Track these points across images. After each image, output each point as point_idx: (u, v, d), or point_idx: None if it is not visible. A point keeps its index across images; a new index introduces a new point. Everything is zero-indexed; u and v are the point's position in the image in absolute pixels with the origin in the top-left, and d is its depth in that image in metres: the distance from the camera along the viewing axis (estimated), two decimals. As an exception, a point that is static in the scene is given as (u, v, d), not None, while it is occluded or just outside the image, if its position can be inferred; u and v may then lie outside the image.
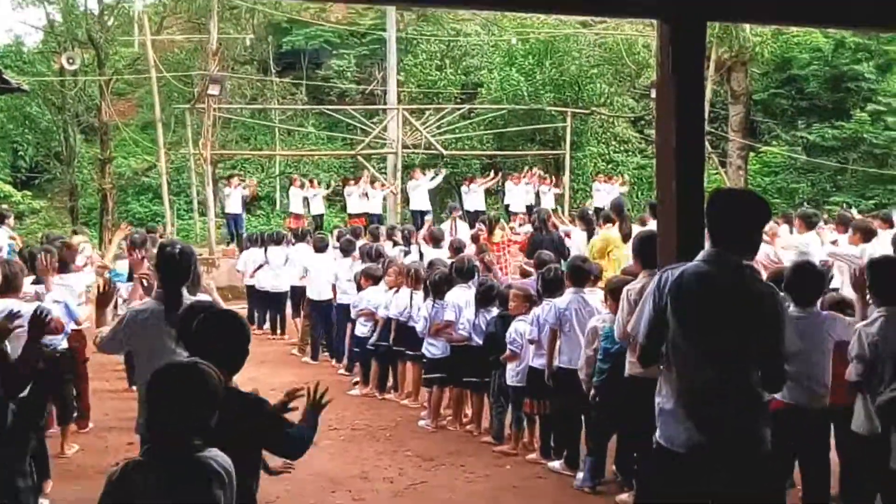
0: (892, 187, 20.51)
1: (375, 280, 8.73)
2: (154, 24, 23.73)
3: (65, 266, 6.45)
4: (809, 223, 8.95)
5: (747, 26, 19.63)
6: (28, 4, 25.03)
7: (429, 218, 16.54)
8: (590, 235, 9.85)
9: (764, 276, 4.21)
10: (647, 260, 5.07)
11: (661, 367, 3.31)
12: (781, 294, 3.40)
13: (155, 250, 4.98)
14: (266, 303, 12.42)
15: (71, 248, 6.87)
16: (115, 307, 5.72)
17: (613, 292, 5.42)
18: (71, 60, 20.86)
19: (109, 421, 7.32)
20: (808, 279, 4.49)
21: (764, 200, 3.48)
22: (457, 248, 9.76)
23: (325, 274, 10.18)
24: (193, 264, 4.15)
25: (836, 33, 21.71)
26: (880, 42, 21.52)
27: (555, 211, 14.78)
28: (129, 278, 7.67)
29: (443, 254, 9.73)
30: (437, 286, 7.42)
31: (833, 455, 4.59)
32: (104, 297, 4.41)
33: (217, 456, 2.50)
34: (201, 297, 4.54)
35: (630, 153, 24.88)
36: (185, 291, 4.02)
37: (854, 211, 12.85)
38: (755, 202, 3.41)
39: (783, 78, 23.22)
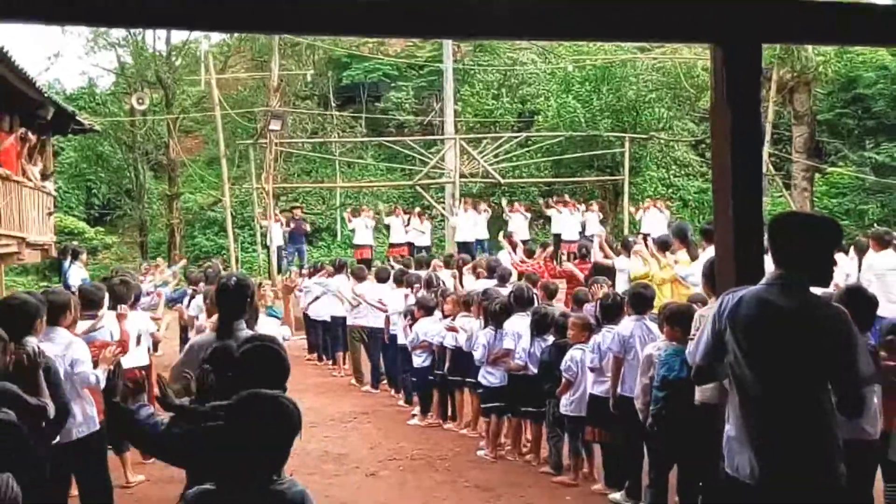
0: (966, 206, 19.75)
1: (429, 311, 8.75)
2: (219, 63, 24.55)
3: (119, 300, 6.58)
4: (883, 242, 8.66)
5: (809, 46, 19.23)
6: (100, 49, 26.19)
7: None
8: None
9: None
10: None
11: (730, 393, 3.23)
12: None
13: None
14: (324, 332, 12.55)
15: (129, 284, 7.01)
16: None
17: (669, 319, 5.34)
18: (140, 101, 21.68)
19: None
20: (860, 303, 4.31)
21: (831, 220, 3.36)
22: (501, 277, 9.70)
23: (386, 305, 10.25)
24: (250, 296, 4.19)
25: (903, 50, 21.12)
26: (950, 57, 20.87)
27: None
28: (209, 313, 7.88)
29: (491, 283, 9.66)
30: (496, 314, 7.40)
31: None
32: None
33: (292, 486, 2.52)
34: (267, 327, 4.62)
35: (691, 177, 24.52)
36: (243, 325, 4.07)
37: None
38: (819, 222, 3.33)
39: (849, 97, 22.63)
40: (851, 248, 9.92)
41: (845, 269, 9.36)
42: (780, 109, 21.74)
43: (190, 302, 10.63)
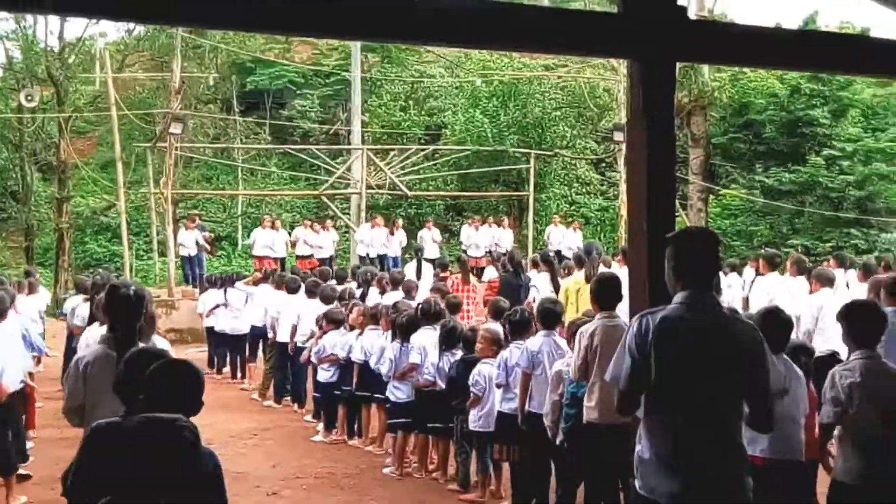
0: (848, 231, 20.89)
1: (337, 324, 8.54)
2: (116, 62, 23.54)
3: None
4: (773, 264, 9.00)
5: (706, 71, 20.05)
6: (-14, 41, 24.67)
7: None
8: (552, 277, 9.83)
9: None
10: (604, 302, 5.09)
11: (640, 415, 3.21)
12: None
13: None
14: (226, 345, 12.12)
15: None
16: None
17: (574, 335, 5.37)
18: (29, 97, 20.49)
19: (61, 471, 6.97)
20: (776, 325, 4.42)
21: (712, 232, 3.47)
22: (407, 290, 9.62)
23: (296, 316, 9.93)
24: (146, 307, 3.94)
25: (791, 79, 22.26)
26: (833, 88, 22.10)
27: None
28: (90, 321, 7.41)
29: (399, 296, 9.56)
30: (403, 328, 7.27)
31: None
32: None
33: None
34: (157, 341, 4.34)
35: (592, 195, 25.13)
36: (136, 337, 3.79)
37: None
38: (711, 236, 3.43)
39: (741, 122, 23.68)
40: (745, 268, 10.32)
41: (738, 288, 9.70)
42: (678, 132, 22.51)
43: (74, 311, 10.06)
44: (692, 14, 18.08)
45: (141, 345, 3.68)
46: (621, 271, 6.81)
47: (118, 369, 3.25)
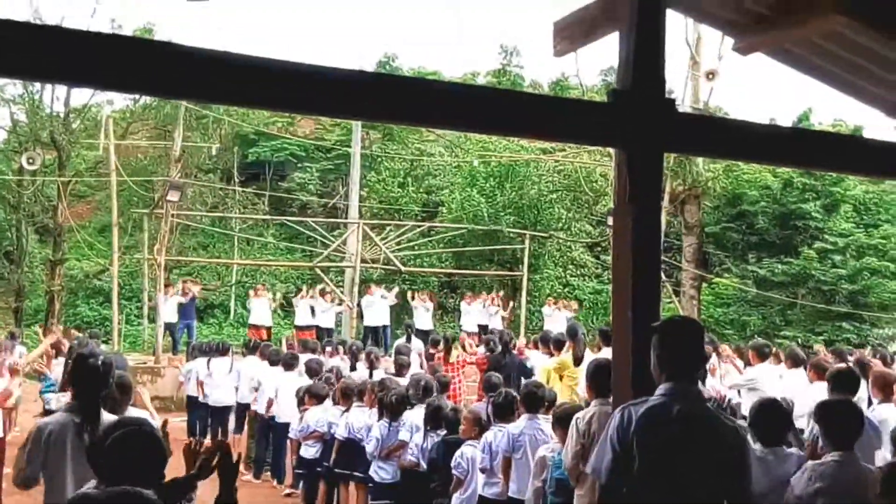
0: (839, 324, 20.90)
1: (320, 399, 8.42)
2: (120, 129, 23.90)
3: None
4: (762, 354, 8.94)
5: (700, 161, 20.39)
6: (-8, 104, 25.09)
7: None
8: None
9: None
10: (600, 389, 4.97)
11: None
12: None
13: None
14: (207, 416, 11.89)
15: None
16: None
17: (560, 420, 5.26)
18: (31, 160, 20.67)
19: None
20: (774, 417, 4.34)
21: (698, 322, 3.48)
22: (398, 367, 9.52)
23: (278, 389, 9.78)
24: (113, 377, 3.89)
25: (784, 173, 22.65)
26: (826, 183, 22.47)
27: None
28: (63, 388, 7.29)
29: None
30: (393, 406, 7.14)
31: None
32: None
33: None
34: (133, 411, 4.27)
35: (587, 277, 25.21)
36: (99, 405, 3.73)
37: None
38: (696, 326, 3.42)
39: (734, 213, 23.99)
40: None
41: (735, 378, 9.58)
42: (672, 219, 22.78)
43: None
44: (686, 107, 18.52)
45: (108, 417, 3.60)
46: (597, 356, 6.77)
47: (94, 438, 3.19)
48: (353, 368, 10.51)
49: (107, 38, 3.20)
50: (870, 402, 6.50)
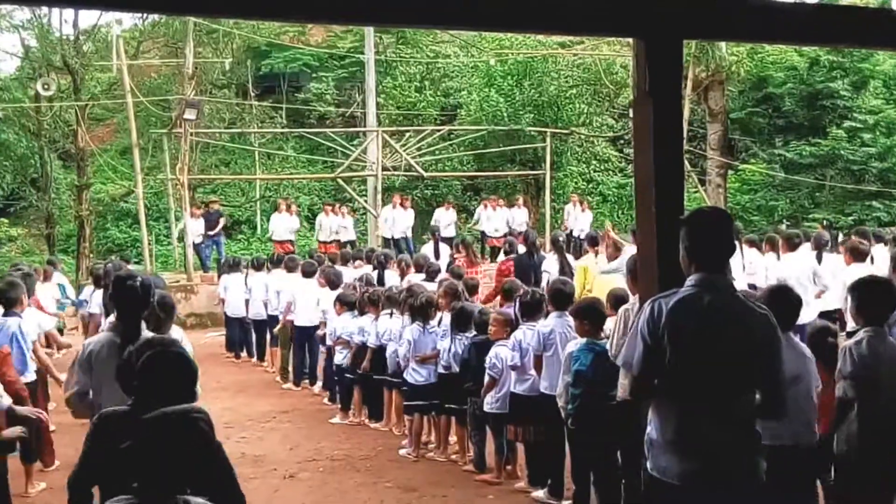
0: (870, 203, 20.60)
1: (350, 306, 8.57)
2: (131, 49, 23.60)
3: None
4: (793, 244, 8.85)
5: (723, 45, 19.74)
6: (2, 31, 24.82)
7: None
8: (560, 260, 9.76)
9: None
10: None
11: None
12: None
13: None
14: (246, 329, 12.20)
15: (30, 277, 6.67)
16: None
17: (577, 314, 5.42)
18: (46, 86, 20.63)
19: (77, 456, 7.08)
20: (785, 303, 4.34)
21: (726, 212, 3.48)
22: (429, 273, 9.59)
23: (313, 300, 9.97)
24: (153, 297, 3.98)
25: (810, 52, 21.89)
26: (854, 60, 21.72)
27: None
28: (108, 311, 7.47)
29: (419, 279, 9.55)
30: (422, 310, 7.27)
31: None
32: None
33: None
34: (173, 331, 4.40)
35: (611, 172, 24.96)
36: (143, 325, 3.85)
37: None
38: (725, 216, 3.41)
39: (760, 96, 23.37)
40: (764, 244, 10.17)
41: (762, 265, 9.56)
42: (695, 107, 22.29)
43: (89, 299, 10.16)
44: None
45: (148, 335, 3.71)
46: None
47: (122, 358, 3.29)
48: (380, 277, 10.64)
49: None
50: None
